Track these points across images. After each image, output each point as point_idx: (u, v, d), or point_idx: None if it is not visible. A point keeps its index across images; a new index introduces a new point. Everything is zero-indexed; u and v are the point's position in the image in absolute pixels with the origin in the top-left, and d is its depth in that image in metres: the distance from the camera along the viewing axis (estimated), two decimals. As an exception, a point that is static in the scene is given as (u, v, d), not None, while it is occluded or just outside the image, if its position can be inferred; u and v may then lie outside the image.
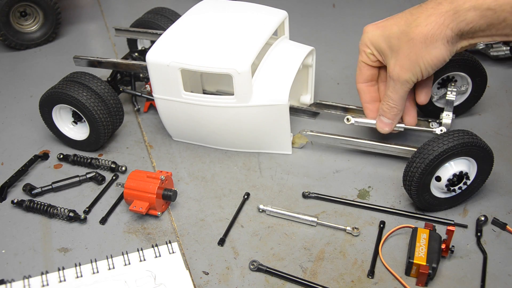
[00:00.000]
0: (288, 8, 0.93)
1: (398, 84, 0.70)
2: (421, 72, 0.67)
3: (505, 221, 0.71)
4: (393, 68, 0.69)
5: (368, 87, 0.78)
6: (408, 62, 0.67)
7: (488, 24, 0.60)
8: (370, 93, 0.79)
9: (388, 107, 0.74)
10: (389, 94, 0.72)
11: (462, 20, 0.61)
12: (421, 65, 0.66)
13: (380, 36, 0.70)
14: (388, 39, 0.69)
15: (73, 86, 0.82)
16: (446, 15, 0.61)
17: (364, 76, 0.77)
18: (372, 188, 0.79)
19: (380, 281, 0.64)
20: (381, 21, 0.71)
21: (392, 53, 0.69)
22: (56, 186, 0.79)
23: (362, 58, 0.75)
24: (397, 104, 0.73)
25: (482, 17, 0.59)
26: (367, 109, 0.80)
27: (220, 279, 0.65)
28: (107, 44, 1.26)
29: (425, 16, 0.63)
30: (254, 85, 0.78)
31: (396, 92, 0.71)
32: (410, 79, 0.69)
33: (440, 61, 0.66)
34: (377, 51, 0.72)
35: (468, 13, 0.60)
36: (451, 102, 0.83)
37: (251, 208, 0.76)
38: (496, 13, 0.58)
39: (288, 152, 0.86)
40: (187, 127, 0.85)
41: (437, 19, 0.62)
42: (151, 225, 0.73)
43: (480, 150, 0.69)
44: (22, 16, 1.20)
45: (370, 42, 0.72)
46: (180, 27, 0.83)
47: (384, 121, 0.76)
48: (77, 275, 0.63)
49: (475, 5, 0.59)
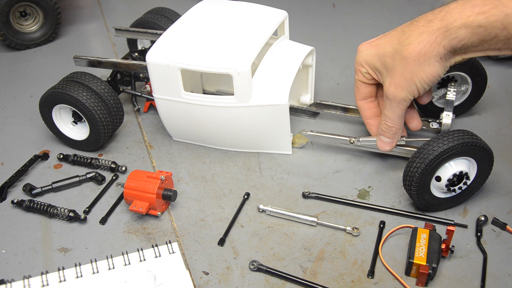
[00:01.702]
0: (288, 8, 0.93)
1: (395, 103, 0.69)
2: (417, 89, 0.67)
3: (505, 221, 0.71)
4: (388, 87, 0.68)
5: (368, 103, 0.78)
6: (403, 80, 0.66)
7: (480, 40, 0.59)
8: (371, 109, 0.78)
9: (386, 126, 0.73)
10: (386, 113, 0.71)
11: (454, 37, 0.60)
12: (417, 82, 0.65)
13: (375, 56, 0.70)
14: (382, 58, 0.68)
15: (73, 86, 0.82)
16: (438, 33, 0.61)
17: (362, 94, 0.77)
18: (372, 188, 0.79)
19: (380, 281, 0.64)
20: (375, 39, 0.71)
21: (387, 72, 0.68)
22: (56, 186, 0.79)
23: (358, 77, 0.75)
24: (395, 123, 0.72)
25: (474, 34, 0.59)
26: (369, 125, 0.79)
27: (220, 279, 0.65)
28: (107, 44, 1.26)
29: (416, 34, 0.63)
30: (254, 85, 0.78)
31: (393, 111, 0.70)
32: (406, 97, 0.68)
33: (435, 77, 0.65)
34: (372, 70, 0.72)
35: (459, 31, 0.60)
36: (451, 102, 0.83)
37: (251, 208, 0.76)
38: (487, 30, 0.58)
39: (288, 152, 0.86)
40: (187, 127, 0.85)
41: (428, 37, 0.62)
42: (151, 225, 0.73)
43: (480, 150, 0.69)
44: (22, 16, 1.21)
45: (364, 62, 0.72)
46: (180, 27, 0.83)
47: (384, 140, 0.75)
48: (77, 275, 0.63)
49: (465, 23, 0.59)
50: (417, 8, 1.35)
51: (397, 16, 1.30)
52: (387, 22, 1.28)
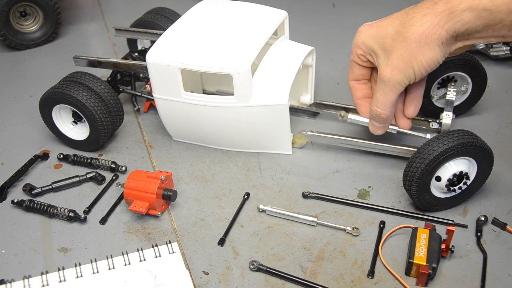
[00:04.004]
0: (288, 8, 0.93)
1: (389, 86, 0.67)
2: (414, 73, 0.65)
3: (505, 221, 0.71)
4: (384, 69, 0.67)
5: (360, 84, 0.77)
6: (401, 62, 0.65)
7: (484, 25, 0.59)
8: (362, 90, 0.77)
9: (377, 113, 0.72)
10: (378, 96, 0.70)
11: (457, 20, 0.59)
12: (414, 66, 0.64)
13: (374, 37, 0.68)
14: (381, 40, 0.67)
15: (73, 86, 0.82)
16: (442, 15, 0.60)
17: (356, 74, 0.76)
18: (372, 188, 0.79)
19: (380, 281, 0.64)
20: (377, 21, 0.70)
21: (385, 54, 0.67)
22: (56, 186, 0.79)
23: (354, 58, 0.74)
24: (385, 108, 0.70)
25: (478, 18, 0.58)
26: (359, 105, 0.78)
27: (220, 279, 0.65)
28: (107, 44, 1.26)
29: (420, 16, 0.62)
30: (254, 85, 0.78)
31: (386, 95, 0.69)
32: (402, 80, 0.66)
33: (434, 62, 0.64)
34: (369, 52, 0.70)
35: (463, 14, 0.59)
36: (451, 102, 0.83)
37: (251, 208, 0.76)
38: (492, 14, 0.57)
39: (288, 152, 0.86)
40: (187, 127, 0.85)
41: (432, 19, 0.61)
42: (151, 225, 0.73)
43: (480, 150, 0.69)
44: (22, 16, 1.21)
45: (362, 42, 0.70)
46: (180, 27, 0.83)
47: (376, 124, 0.75)
48: (77, 275, 0.63)
49: (471, 6, 0.58)
50: (417, 8, 1.35)
51: (397, 16, 1.30)
52: (387, 22, 1.28)
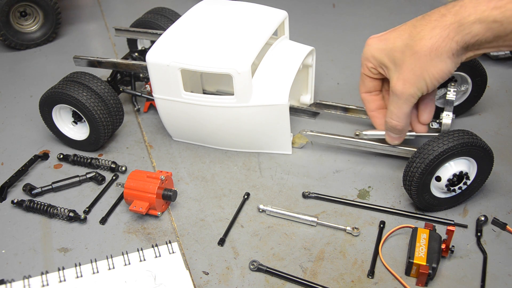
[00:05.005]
0: (288, 8, 0.93)
1: (402, 99, 0.67)
2: (427, 86, 0.65)
3: (505, 221, 0.71)
4: (396, 82, 0.66)
5: (372, 96, 0.76)
6: (412, 76, 0.64)
7: (494, 36, 0.58)
8: (375, 102, 0.77)
9: (392, 125, 0.71)
10: (392, 109, 0.70)
11: (467, 33, 0.59)
12: (427, 78, 0.64)
13: (383, 50, 0.68)
14: (391, 53, 0.67)
15: (73, 86, 0.82)
16: (451, 28, 0.59)
17: (367, 87, 0.75)
18: (372, 188, 0.79)
19: (380, 281, 0.64)
20: (384, 33, 0.69)
21: (395, 67, 0.66)
22: (56, 186, 0.79)
23: (364, 71, 0.73)
24: (400, 120, 0.70)
25: (488, 30, 0.57)
26: (373, 117, 0.78)
27: (220, 279, 0.65)
28: (107, 44, 1.26)
29: (429, 29, 0.61)
30: (254, 85, 0.78)
31: (399, 108, 0.69)
32: (415, 93, 0.66)
33: (446, 73, 0.63)
34: (379, 65, 0.70)
35: (473, 26, 0.58)
36: (451, 102, 0.83)
37: (251, 208, 0.76)
38: (502, 25, 0.56)
39: (288, 152, 0.86)
40: (187, 127, 0.85)
41: (441, 31, 0.60)
42: (151, 225, 0.73)
43: (480, 150, 0.69)
44: (22, 16, 1.21)
45: (371, 56, 0.70)
46: (180, 27, 0.83)
47: (392, 135, 0.75)
48: (77, 275, 0.63)
49: (480, 18, 0.57)
50: (417, 8, 1.35)
51: (397, 16, 1.30)
52: (387, 22, 1.27)
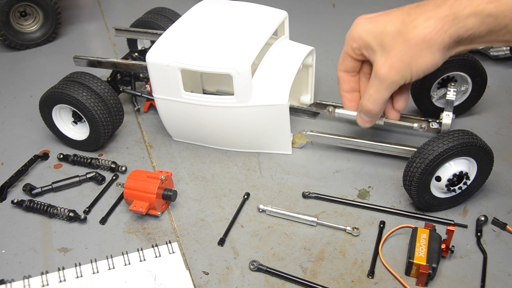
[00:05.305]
0: (288, 8, 0.93)
1: (384, 85, 0.66)
2: (411, 75, 0.65)
3: (505, 221, 0.71)
4: (381, 67, 0.65)
5: (349, 76, 0.75)
6: (400, 63, 0.64)
7: (488, 30, 0.58)
8: (350, 83, 0.76)
9: (368, 108, 0.71)
10: (371, 93, 0.69)
11: (461, 26, 0.59)
12: (413, 68, 0.64)
13: (371, 32, 0.67)
14: (380, 36, 0.66)
15: (73, 86, 0.82)
16: (445, 20, 0.59)
17: (347, 66, 0.74)
18: (372, 188, 0.79)
19: (380, 281, 0.64)
20: (374, 15, 0.68)
21: (382, 51, 0.66)
22: (56, 186, 0.79)
23: (347, 50, 0.72)
24: (377, 104, 0.70)
25: (482, 24, 0.57)
26: (344, 98, 0.77)
27: (220, 279, 0.65)
28: (107, 44, 1.26)
29: (424, 19, 0.61)
30: (254, 85, 0.78)
31: (379, 92, 0.68)
32: (398, 81, 0.65)
33: (433, 65, 0.63)
34: (364, 47, 0.69)
35: (468, 19, 0.58)
36: (451, 102, 0.83)
37: (251, 208, 0.76)
38: (497, 20, 0.56)
39: (288, 152, 0.86)
40: (187, 127, 0.85)
41: (436, 23, 0.60)
42: (151, 225, 0.73)
43: (480, 150, 0.69)
44: (22, 16, 1.21)
45: (358, 36, 0.69)
46: (180, 27, 0.83)
47: (364, 118, 0.74)
48: (77, 275, 0.63)
49: (475, 11, 0.57)
50: (417, 8, 1.35)
51: (397, 16, 1.30)
52: (387, 22, 1.28)
